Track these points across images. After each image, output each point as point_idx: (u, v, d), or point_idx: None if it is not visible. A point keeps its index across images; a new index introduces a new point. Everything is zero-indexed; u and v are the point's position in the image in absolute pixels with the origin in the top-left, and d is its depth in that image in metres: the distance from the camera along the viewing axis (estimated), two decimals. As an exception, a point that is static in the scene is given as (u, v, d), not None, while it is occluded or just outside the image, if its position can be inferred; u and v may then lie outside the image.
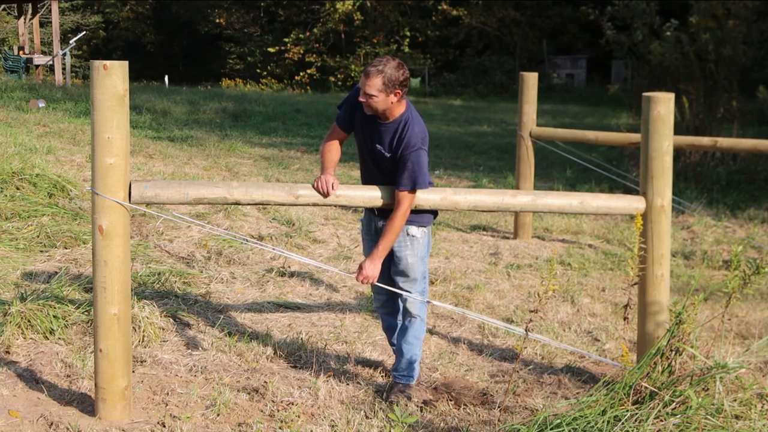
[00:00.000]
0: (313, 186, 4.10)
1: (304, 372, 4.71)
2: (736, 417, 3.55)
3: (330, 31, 33.87)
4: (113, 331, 3.90)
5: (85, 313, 5.07)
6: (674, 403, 3.52)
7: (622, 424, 3.44)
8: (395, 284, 4.37)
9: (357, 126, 4.29)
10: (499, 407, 4.24)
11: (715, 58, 13.99)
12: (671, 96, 4.38)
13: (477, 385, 4.62)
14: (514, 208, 4.58)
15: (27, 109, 13.86)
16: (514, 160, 8.45)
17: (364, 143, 4.27)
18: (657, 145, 4.35)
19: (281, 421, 4.08)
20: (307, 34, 33.84)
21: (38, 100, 14.58)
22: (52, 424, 3.94)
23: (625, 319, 4.28)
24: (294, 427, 4.02)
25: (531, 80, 7.86)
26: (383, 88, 4.01)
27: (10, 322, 4.83)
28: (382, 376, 4.71)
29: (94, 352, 3.97)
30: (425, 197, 4.19)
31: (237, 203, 4.09)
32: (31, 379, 4.41)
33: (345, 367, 4.81)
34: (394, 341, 4.61)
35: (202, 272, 6.37)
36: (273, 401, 4.29)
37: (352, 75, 32.53)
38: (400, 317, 4.53)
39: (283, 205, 4.20)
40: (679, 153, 10.68)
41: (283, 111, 17.89)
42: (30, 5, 24.79)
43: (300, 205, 4.16)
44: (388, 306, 4.60)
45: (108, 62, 3.75)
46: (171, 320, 5.28)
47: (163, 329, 5.15)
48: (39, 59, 23.98)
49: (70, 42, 24.74)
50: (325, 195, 4.08)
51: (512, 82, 28.71)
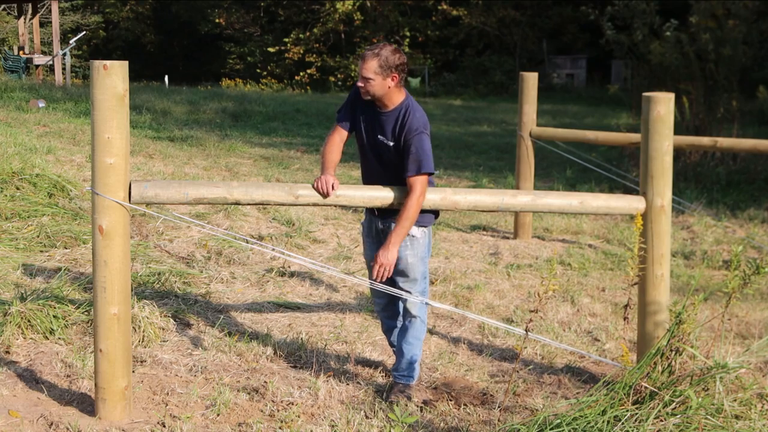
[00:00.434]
0: (313, 186, 4.10)
1: (304, 372, 4.71)
2: (736, 417, 3.55)
3: (330, 31, 33.88)
4: (113, 331, 3.90)
5: (85, 313, 5.07)
6: (674, 403, 3.52)
7: (622, 424, 3.44)
8: (395, 284, 4.36)
9: (358, 121, 4.29)
10: (499, 407, 4.24)
11: (715, 58, 13.98)
12: (671, 96, 4.38)
13: (477, 385, 4.62)
14: (514, 208, 4.58)
15: (27, 109, 13.86)
16: (514, 160, 8.45)
17: (366, 137, 4.27)
18: (657, 145, 4.35)
19: (281, 421, 4.08)
20: (307, 34, 33.86)
21: (38, 100, 14.58)
22: (52, 424, 3.94)
23: (625, 319, 4.28)
24: (294, 427, 4.02)
25: (531, 80, 7.87)
26: (380, 71, 4.06)
27: (10, 322, 4.83)
28: (382, 376, 4.71)
29: (94, 352, 3.97)
30: (425, 197, 4.19)
31: (237, 203, 4.09)
32: (31, 379, 4.41)
33: (345, 367, 4.81)
34: (394, 341, 4.62)
35: (202, 272, 6.37)
36: (273, 401, 4.29)
37: (352, 75, 32.53)
38: (400, 319, 4.54)
39: (283, 205, 4.20)
40: (679, 153, 10.67)
41: (283, 111, 17.88)
42: (30, 5, 24.78)
43: (300, 205, 4.16)
44: (388, 309, 4.60)
45: (108, 62, 3.75)
46: (171, 320, 5.28)
47: (163, 329, 5.15)
48: (39, 59, 23.98)
49: (70, 42, 24.73)
50: (325, 195, 4.08)
51: (512, 82, 28.71)
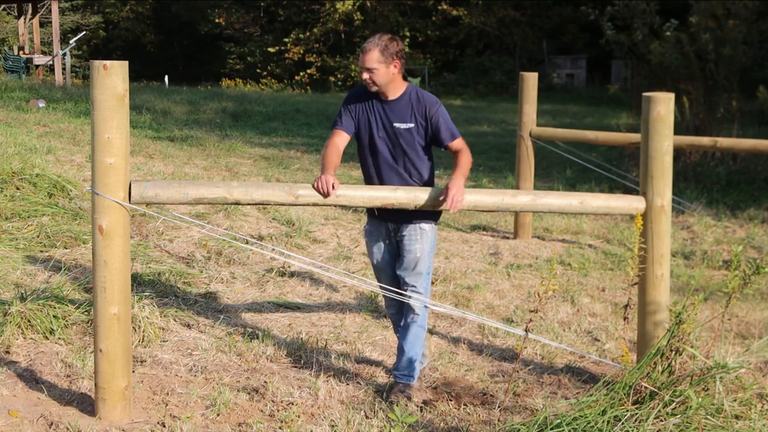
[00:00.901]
0: (313, 186, 4.10)
1: (304, 372, 4.71)
2: (736, 417, 3.55)
3: (330, 31, 33.89)
4: (113, 331, 3.90)
5: (85, 313, 5.07)
6: (674, 403, 3.51)
7: (622, 424, 3.44)
8: (401, 279, 4.40)
9: (363, 121, 4.33)
10: (499, 407, 4.24)
11: (715, 58, 13.98)
12: (671, 96, 4.38)
13: (477, 385, 4.62)
14: (514, 208, 4.58)
15: (27, 109, 13.86)
16: (514, 160, 8.45)
17: (377, 131, 4.31)
18: (657, 145, 4.35)
19: (281, 421, 4.08)
20: (307, 34, 33.86)
21: (38, 100, 14.58)
22: (52, 424, 3.94)
23: (625, 319, 4.27)
24: (294, 427, 4.02)
25: (531, 80, 7.86)
26: (382, 59, 4.18)
27: (10, 322, 4.83)
28: (382, 376, 4.71)
29: (94, 352, 3.97)
30: (425, 197, 4.19)
31: (237, 203, 4.09)
32: (31, 379, 4.41)
33: (345, 367, 4.81)
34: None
35: (202, 272, 6.37)
36: (273, 401, 4.29)
37: (352, 75, 32.54)
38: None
39: (283, 205, 4.20)
40: (679, 153, 10.67)
41: (283, 111, 17.89)
42: (30, 5, 24.78)
43: (300, 205, 4.16)
44: (402, 312, 4.59)
45: (108, 62, 3.75)
46: (171, 320, 5.28)
47: (163, 329, 5.15)
48: (39, 59, 23.97)
49: (70, 42, 24.73)
50: (326, 195, 4.08)
51: (512, 82, 28.71)
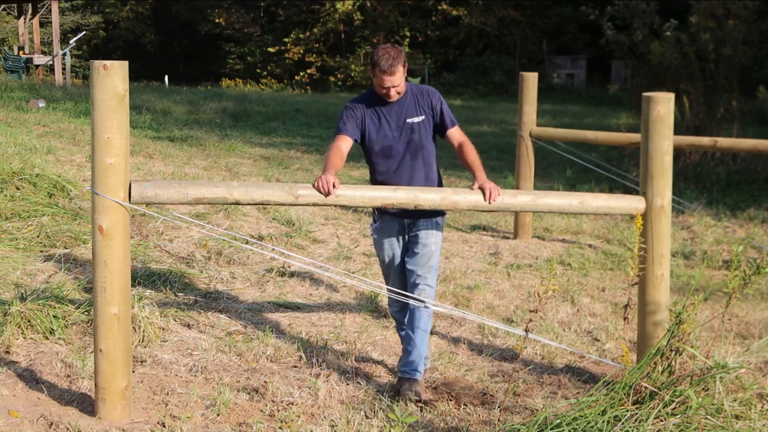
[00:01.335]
0: (314, 186, 4.10)
1: (304, 372, 4.71)
2: (736, 417, 3.55)
3: (330, 31, 33.89)
4: (113, 331, 3.90)
5: (85, 313, 5.07)
6: (674, 403, 3.51)
7: (622, 424, 3.44)
8: (412, 274, 4.44)
9: (372, 128, 4.41)
10: (499, 407, 4.24)
11: (715, 58, 13.99)
12: (671, 96, 4.38)
13: (477, 385, 4.62)
14: (514, 208, 4.58)
15: (27, 109, 13.85)
16: (514, 160, 8.45)
17: (391, 130, 4.41)
18: (657, 145, 4.35)
19: (281, 421, 4.08)
20: (307, 34, 33.86)
21: (38, 100, 14.57)
22: (52, 424, 3.94)
23: (625, 319, 4.27)
24: (294, 427, 4.02)
25: (531, 80, 7.86)
26: (404, 71, 4.36)
27: (10, 322, 4.83)
28: (383, 376, 4.71)
29: (94, 352, 3.97)
30: (425, 197, 4.20)
31: (237, 203, 4.09)
32: (31, 379, 4.41)
33: (345, 367, 4.81)
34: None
35: (202, 272, 6.37)
36: (273, 401, 4.29)
37: (352, 75, 32.55)
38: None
39: (283, 205, 4.20)
40: (679, 153, 10.67)
41: (283, 111, 17.89)
42: (30, 5, 24.78)
43: (300, 205, 4.16)
44: (405, 309, 4.60)
45: (108, 62, 3.75)
46: (171, 320, 5.28)
47: (163, 329, 5.15)
48: (39, 59, 23.97)
49: (70, 42, 24.74)
50: (326, 194, 4.08)
51: (512, 82, 28.72)
